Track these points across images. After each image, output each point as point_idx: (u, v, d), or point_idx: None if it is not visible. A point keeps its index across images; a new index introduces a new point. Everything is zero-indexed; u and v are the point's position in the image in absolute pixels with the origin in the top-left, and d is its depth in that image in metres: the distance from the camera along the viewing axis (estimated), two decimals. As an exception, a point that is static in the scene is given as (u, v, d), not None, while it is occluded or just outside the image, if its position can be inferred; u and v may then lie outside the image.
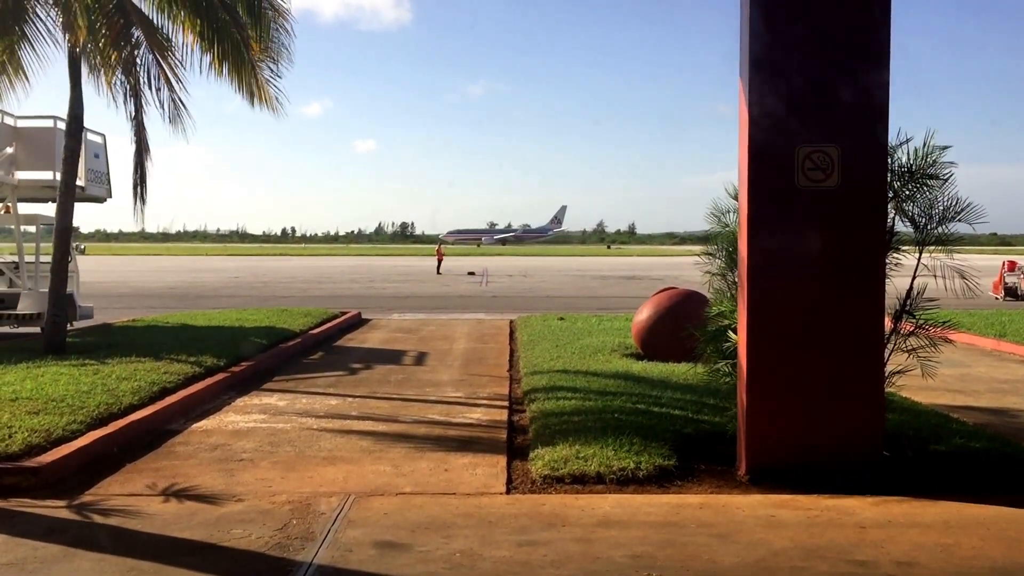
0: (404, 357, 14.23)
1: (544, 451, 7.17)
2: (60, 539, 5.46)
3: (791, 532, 5.57)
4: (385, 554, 5.18)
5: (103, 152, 18.41)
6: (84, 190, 16.56)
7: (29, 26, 11.56)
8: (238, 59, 12.51)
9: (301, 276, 49.07)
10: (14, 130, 16.59)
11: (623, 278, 47.11)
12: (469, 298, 31.54)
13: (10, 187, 16.93)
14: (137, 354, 11.77)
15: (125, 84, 12.65)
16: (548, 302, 28.45)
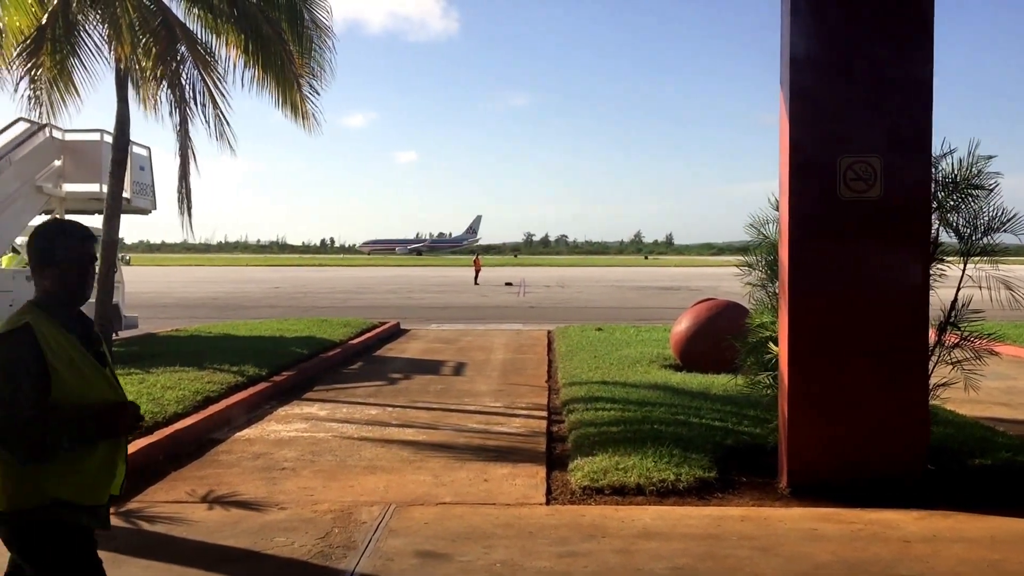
0: (443, 367, 14.30)
1: (583, 462, 7.18)
2: (108, 545, 5.51)
3: (834, 546, 5.52)
4: (426, 564, 5.22)
5: (148, 165, 18.77)
6: (130, 202, 16.90)
7: (78, 42, 11.81)
8: (280, 74, 12.69)
9: (340, 287, 49.47)
10: (62, 143, 16.97)
11: (661, 289, 46.90)
12: (507, 308, 31.59)
13: (58, 199, 17.32)
14: (181, 363, 11.96)
15: (170, 99, 12.87)
16: (586, 312, 28.41)
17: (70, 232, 3.12)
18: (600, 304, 34.31)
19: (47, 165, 16.71)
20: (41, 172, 16.48)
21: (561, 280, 60.27)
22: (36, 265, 3.09)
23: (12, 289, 16.16)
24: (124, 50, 11.55)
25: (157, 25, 12.01)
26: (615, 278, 64.24)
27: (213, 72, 12.61)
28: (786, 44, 6.86)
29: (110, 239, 13.35)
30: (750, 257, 8.35)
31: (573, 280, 60.24)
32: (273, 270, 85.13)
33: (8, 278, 16.31)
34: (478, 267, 57.56)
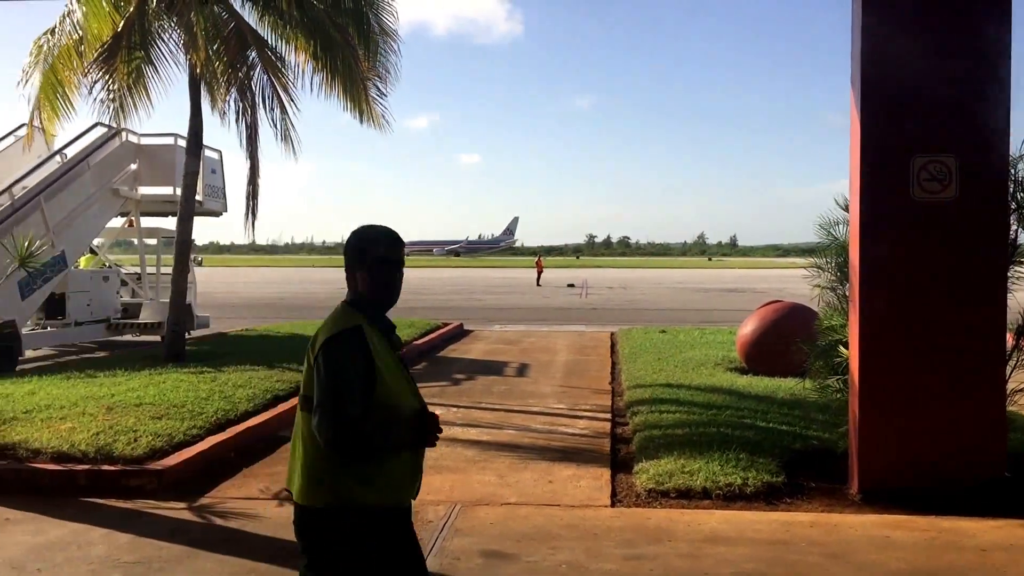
0: (506, 368, 14.35)
1: (648, 464, 7.14)
2: (183, 539, 5.71)
3: (907, 554, 5.41)
4: (492, 563, 5.26)
5: (220, 168, 19.19)
6: (202, 204, 17.29)
7: (153, 48, 12.16)
8: (348, 78, 12.90)
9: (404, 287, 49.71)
10: (137, 147, 17.44)
11: (725, 291, 46.37)
12: (569, 310, 31.56)
13: (134, 202, 17.80)
14: (251, 362, 12.20)
15: (240, 103, 13.18)
16: (649, 314, 28.23)
17: (380, 236, 3.20)
18: (663, 306, 34.06)
19: (123, 169, 17.18)
20: (118, 175, 16.95)
21: (623, 282, 59.97)
22: (348, 267, 3.20)
23: (89, 289, 16.67)
24: (199, 56, 11.85)
25: (229, 32, 12.31)
26: (678, 280, 63.70)
27: (282, 77, 12.86)
28: (857, 42, 6.74)
29: (183, 240, 13.71)
30: (819, 259, 8.21)
31: (635, 282, 59.90)
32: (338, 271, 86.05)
33: (86, 279, 16.81)
34: (540, 268, 57.53)
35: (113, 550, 5.49)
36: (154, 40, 12.21)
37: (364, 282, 3.16)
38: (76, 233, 15.86)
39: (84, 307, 16.45)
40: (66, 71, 12.30)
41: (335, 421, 2.90)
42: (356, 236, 3.22)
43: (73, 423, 8.06)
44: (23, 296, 13.99)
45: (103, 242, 19.52)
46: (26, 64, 12.63)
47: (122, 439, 7.52)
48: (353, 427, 2.91)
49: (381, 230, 3.25)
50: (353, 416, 2.91)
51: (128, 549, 5.51)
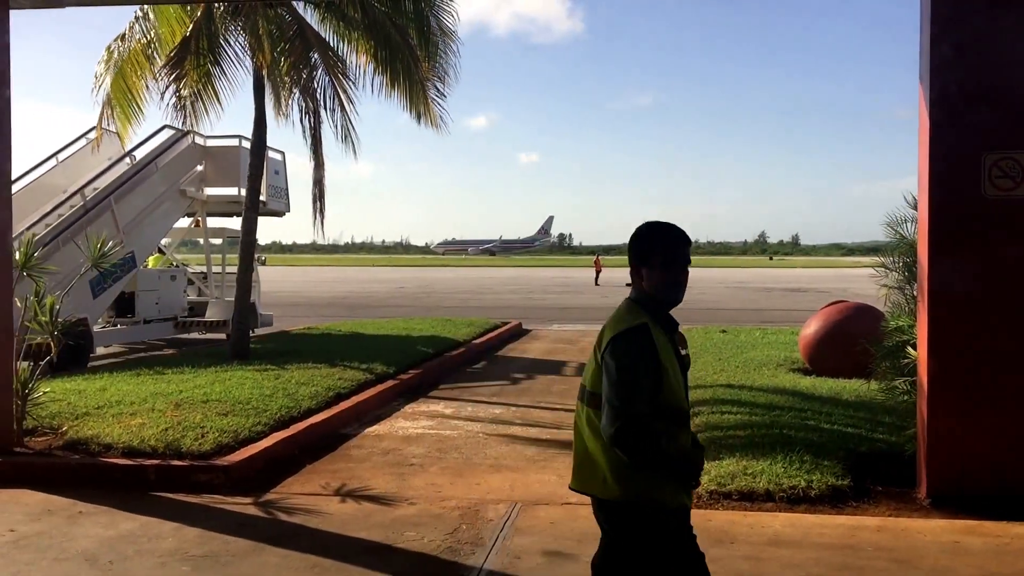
0: (565, 368, 14.34)
1: (710, 466, 7.05)
2: (249, 534, 5.82)
3: (978, 560, 5.28)
4: (553, 563, 5.26)
5: (283, 169, 19.52)
6: (266, 205, 17.60)
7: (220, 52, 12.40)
8: (408, 79, 13.01)
9: (462, 287, 50.17)
10: (204, 149, 17.82)
11: (787, 290, 45.69)
12: (628, 309, 31.33)
13: (200, 202, 18.20)
14: (313, 360, 12.37)
15: (303, 104, 13.38)
16: (709, 314, 27.93)
17: (669, 234, 3.18)
18: (723, 305, 33.67)
19: (190, 170, 17.58)
20: (185, 176, 17.35)
21: (683, 281, 59.34)
22: (634, 264, 3.20)
23: (157, 288, 17.07)
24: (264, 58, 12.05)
25: (292, 34, 12.49)
26: (738, 279, 62.93)
27: (343, 78, 13.02)
28: (926, 35, 6.59)
29: (247, 240, 13.96)
30: (886, 258, 8.05)
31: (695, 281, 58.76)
32: (397, 270, 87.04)
33: (154, 278, 17.22)
34: (599, 268, 57.35)
35: (182, 543, 5.61)
36: (221, 44, 12.46)
37: (651, 280, 3.14)
38: (145, 233, 16.27)
39: (152, 305, 16.86)
40: (135, 76, 12.62)
41: (623, 420, 2.89)
42: (644, 233, 3.19)
43: (143, 419, 8.27)
44: (94, 295, 14.40)
45: (170, 242, 19.99)
46: (98, 70, 12.98)
47: (190, 435, 7.69)
48: (640, 425, 2.90)
49: (670, 228, 3.21)
50: (641, 413, 2.90)
51: (196, 543, 5.64)
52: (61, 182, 16.63)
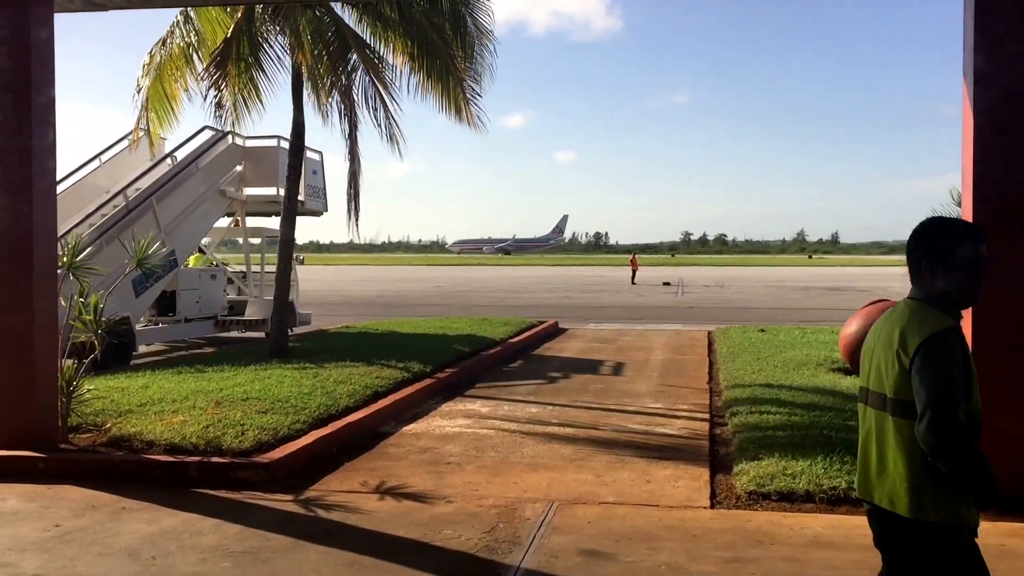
0: (602, 367, 14.30)
1: (749, 466, 7.01)
2: (289, 531, 5.87)
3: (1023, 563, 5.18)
4: (591, 562, 5.25)
5: (320, 169, 19.67)
6: (304, 204, 17.74)
7: (260, 53, 12.53)
8: (444, 78, 13.04)
9: (498, 286, 50.23)
10: (243, 149, 18.02)
11: (827, 289, 45.19)
12: (664, 309, 31.24)
13: (239, 202, 18.40)
14: (351, 359, 12.45)
15: (340, 105, 13.47)
16: (747, 313, 27.72)
17: (968, 232, 3.01)
18: (762, 305, 33.40)
19: (230, 170, 17.78)
20: (224, 177, 17.56)
21: (720, 280, 59.06)
22: (930, 264, 3.00)
23: (198, 287, 17.28)
24: (305, 58, 12.14)
25: (331, 35, 12.58)
26: (777, 278, 62.37)
27: (383, 78, 13.09)
28: (970, 30, 6.48)
29: (286, 239, 14.09)
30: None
31: (733, 280, 58.90)
32: (434, 269, 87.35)
33: (195, 277, 17.43)
34: (635, 267, 57.15)
35: (223, 540, 5.68)
36: (261, 46, 12.59)
37: (950, 278, 2.95)
38: (186, 233, 16.48)
39: (193, 304, 17.07)
40: (174, 78, 12.77)
41: (945, 428, 2.76)
42: (939, 230, 3.02)
43: (184, 416, 8.38)
44: (137, 294, 14.61)
45: (210, 241, 20.23)
46: (140, 73, 13.16)
47: (230, 432, 7.78)
48: (963, 434, 2.78)
49: (965, 225, 3.07)
50: (961, 423, 2.77)
51: (237, 539, 5.70)
52: (104, 183, 16.91)
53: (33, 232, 7.73)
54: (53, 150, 7.99)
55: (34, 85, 7.77)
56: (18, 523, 6.04)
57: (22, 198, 7.72)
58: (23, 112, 7.73)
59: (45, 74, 7.93)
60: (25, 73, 7.74)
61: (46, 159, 7.90)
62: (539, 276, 66.66)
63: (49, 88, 7.97)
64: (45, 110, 7.90)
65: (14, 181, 7.73)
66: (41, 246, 7.81)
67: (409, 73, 13.36)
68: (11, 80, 7.75)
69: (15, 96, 7.76)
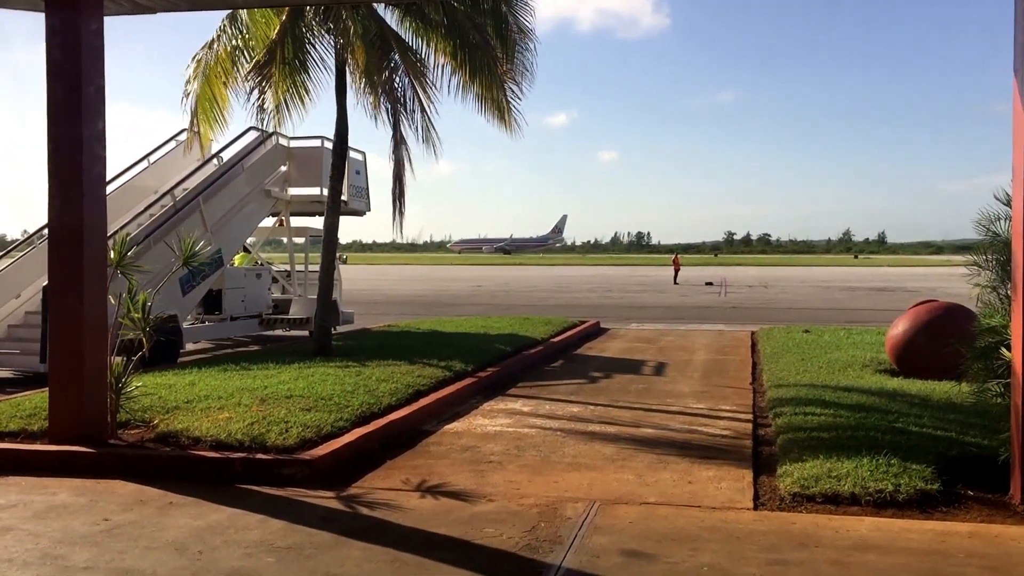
0: (643, 367, 14.23)
1: (793, 467, 6.94)
2: (332, 528, 5.92)
3: (1077, 570, 5.06)
4: (632, 563, 5.22)
5: (363, 169, 19.83)
6: (347, 204, 17.90)
7: (304, 55, 12.65)
8: (486, 79, 13.06)
9: (540, 285, 50.24)
10: (287, 150, 18.22)
11: (873, 290, 44.53)
12: (707, 309, 31.02)
13: (284, 202, 18.61)
14: (393, 357, 12.53)
15: (384, 106, 13.56)
16: (791, 314, 27.43)
17: None
18: (806, 305, 33.03)
19: (275, 170, 18.00)
20: (269, 177, 17.77)
21: (764, 280, 58.49)
22: None
23: (244, 286, 17.52)
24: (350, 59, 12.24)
25: (374, 36, 12.65)
26: (822, 278, 61.60)
27: (423, 79, 13.15)
28: (1020, 25, 6.34)
29: (330, 239, 14.22)
30: (978, 256, 7.77)
31: (777, 280, 58.30)
32: (475, 269, 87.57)
33: (240, 276, 17.68)
34: (677, 266, 56.85)
35: (267, 535, 5.75)
36: (305, 48, 12.71)
37: None
38: (231, 232, 16.72)
39: (239, 303, 17.31)
40: (221, 80, 12.94)
41: None
42: None
43: (229, 413, 8.49)
44: (184, 292, 14.86)
45: (256, 241, 20.49)
46: (187, 75, 13.36)
47: (274, 429, 7.87)
48: None
49: None
50: None
51: (281, 535, 5.76)
52: (152, 183, 17.21)
53: (83, 229, 7.89)
54: (103, 139, 8.13)
55: (84, 76, 7.91)
56: (69, 517, 6.17)
57: (74, 191, 7.88)
58: (74, 101, 7.88)
59: (95, 64, 8.06)
60: (75, 64, 7.90)
61: (96, 148, 8.03)
62: (581, 276, 66.52)
63: (99, 78, 8.09)
64: (95, 100, 8.04)
65: (65, 172, 7.89)
66: (91, 244, 7.97)
67: (451, 74, 13.42)
68: (62, 70, 7.91)
69: (65, 85, 7.91)
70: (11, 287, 14.42)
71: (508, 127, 13.90)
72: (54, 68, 7.94)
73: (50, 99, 7.93)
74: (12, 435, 8.12)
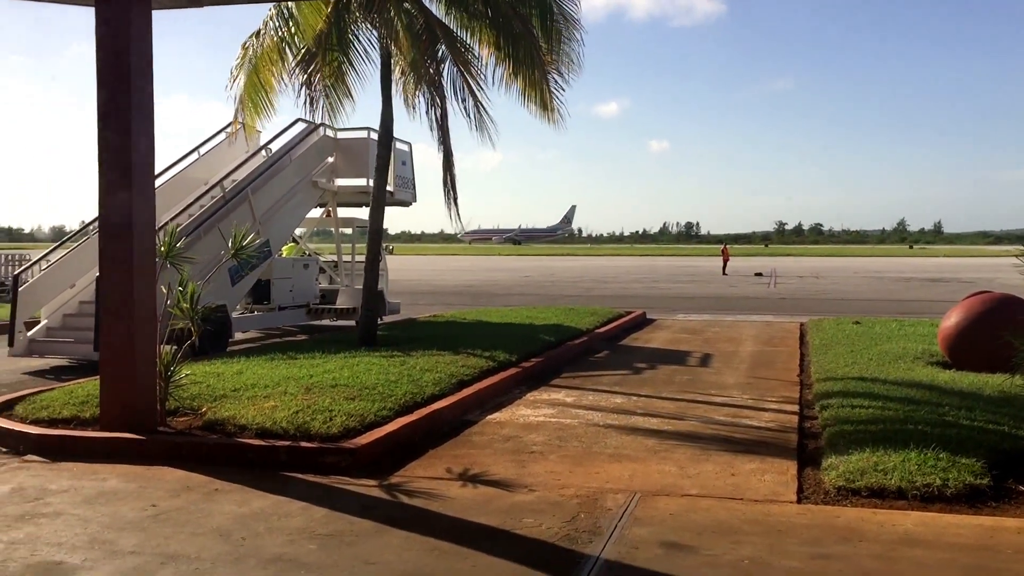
0: (689, 358, 14.12)
1: (838, 460, 6.83)
2: (373, 515, 5.98)
3: None
4: (671, 554, 5.19)
5: (409, 159, 19.92)
6: (393, 195, 18.03)
7: (350, 47, 12.73)
8: (530, 69, 13.02)
9: (587, 276, 50.09)
10: (335, 141, 18.37)
11: (927, 280, 43.67)
12: (756, 299, 30.67)
13: (331, 193, 18.77)
14: (437, 347, 12.58)
15: (430, 96, 13.59)
16: (842, 305, 27.01)
17: None
18: (858, 296, 32.49)
19: (322, 162, 18.16)
20: (317, 168, 17.94)
21: (815, 270, 57.66)
22: None
23: (291, 276, 17.73)
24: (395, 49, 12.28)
25: (420, 28, 12.68)
26: (875, 268, 60.55)
27: (472, 69, 13.14)
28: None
29: (375, 229, 14.31)
30: (1033, 246, 7.58)
31: (829, 270, 57.43)
32: (522, 259, 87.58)
33: (288, 266, 17.89)
34: (726, 257, 56.29)
35: (309, 522, 5.82)
36: (350, 40, 12.78)
37: None
38: (280, 223, 16.91)
39: (287, 293, 17.52)
40: (267, 72, 13.06)
41: None
42: None
43: (275, 402, 8.61)
44: (233, 282, 15.07)
45: (304, 232, 20.70)
46: (233, 67, 13.51)
47: (319, 418, 7.96)
48: None
49: None
50: None
51: (323, 522, 5.83)
52: (202, 174, 17.47)
53: (133, 221, 8.04)
54: (151, 133, 8.26)
55: (133, 69, 8.04)
56: (118, 502, 6.31)
57: (123, 183, 8.03)
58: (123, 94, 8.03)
59: (143, 57, 8.19)
60: (124, 57, 8.03)
61: (145, 141, 8.16)
62: (628, 266, 66.20)
63: (147, 71, 8.20)
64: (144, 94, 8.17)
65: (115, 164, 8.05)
66: (140, 235, 8.12)
67: (495, 64, 13.40)
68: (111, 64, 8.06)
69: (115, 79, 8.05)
70: (66, 277, 14.76)
71: (551, 119, 13.85)
72: (103, 62, 8.08)
73: (100, 93, 8.09)
74: (65, 422, 8.33)
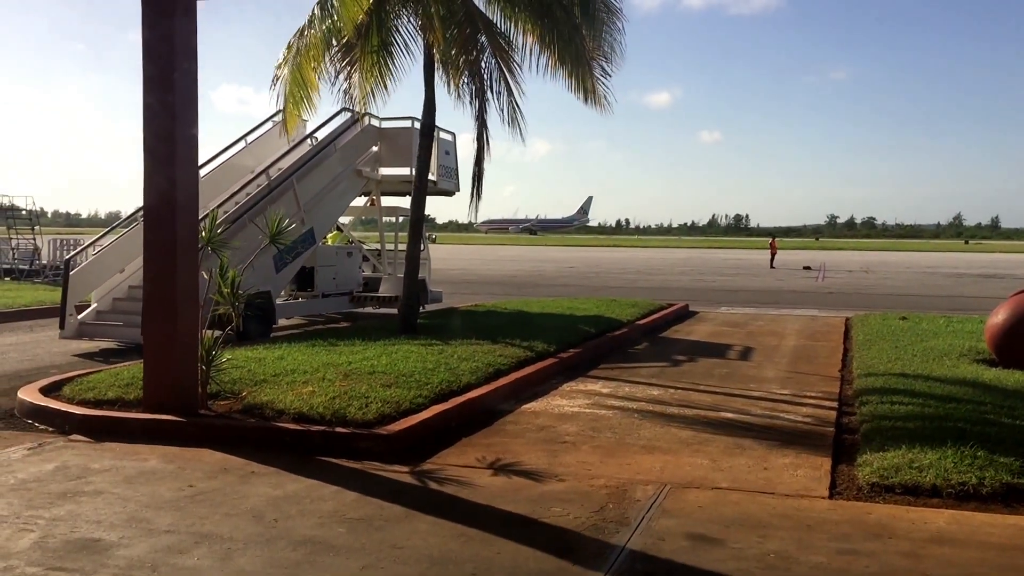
0: (729, 351, 14.03)
1: (873, 457, 6.76)
2: (403, 501, 6.05)
3: None
4: (697, 547, 5.19)
5: (453, 149, 19.99)
6: (435, 184, 18.12)
7: (390, 37, 12.80)
8: (574, 59, 13.00)
9: (632, 267, 49.89)
10: (379, 131, 18.51)
11: (981, 276, 42.80)
12: (802, 293, 30.32)
13: (375, 182, 18.93)
14: (476, 336, 12.65)
15: (470, 86, 13.61)
16: (890, 300, 26.60)
17: None
18: (907, 291, 31.96)
19: (366, 151, 18.31)
20: (361, 157, 18.09)
21: (866, 265, 56.80)
22: None
23: (335, 264, 17.93)
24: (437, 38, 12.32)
25: (460, 17, 12.71)
26: (928, 264, 59.47)
27: (509, 60, 13.15)
28: None
29: (417, 218, 14.41)
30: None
31: (879, 265, 56.53)
32: (569, 250, 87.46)
33: (332, 254, 18.11)
34: (774, 250, 55.66)
35: (340, 506, 5.91)
36: (391, 30, 12.86)
37: None
38: (324, 211, 17.09)
39: (330, 280, 17.72)
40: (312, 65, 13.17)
41: None
42: None
43: (313, 387, 8.73)
44: (277, 269, 15.28)
45: (349, 220, 20.90)
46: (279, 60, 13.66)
47: (355, 404, 8.06)
48: None
49: None
50: None
51: (354, 506, 5.92)
52: (249, 163, 17.73)
53: (176, 208, 8.20)
54: (195, 121, 8.41)
55: (177, 58, 8.19)
56: (156, 482, 6.46)
57: (167, 171, 8.20)
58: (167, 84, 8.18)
59: (188, 47, 8.33)
60: (169, 46, 8.20)
61: (188, 129, 8.32)
62: (674, 259, 65.79)
63: (191, 60, 8.35)
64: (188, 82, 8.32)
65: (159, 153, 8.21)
66: (183, 222, 8.29)
67: (539, 54, 13.39)
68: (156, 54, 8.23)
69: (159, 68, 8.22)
70: (116, 261, 15.09)
71: (598, 105, 13.81)
72: (148, 52, 8.24)
73: (145, 82, 8.25)
74: (110, 403, 8.55)
